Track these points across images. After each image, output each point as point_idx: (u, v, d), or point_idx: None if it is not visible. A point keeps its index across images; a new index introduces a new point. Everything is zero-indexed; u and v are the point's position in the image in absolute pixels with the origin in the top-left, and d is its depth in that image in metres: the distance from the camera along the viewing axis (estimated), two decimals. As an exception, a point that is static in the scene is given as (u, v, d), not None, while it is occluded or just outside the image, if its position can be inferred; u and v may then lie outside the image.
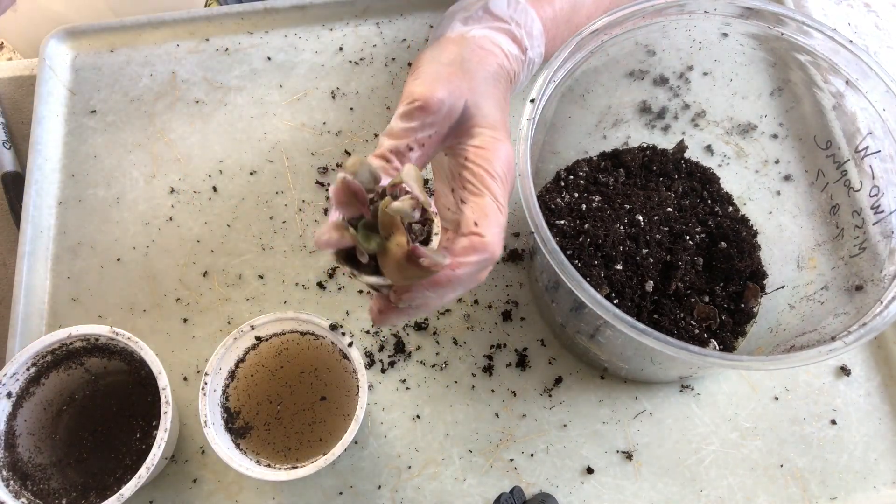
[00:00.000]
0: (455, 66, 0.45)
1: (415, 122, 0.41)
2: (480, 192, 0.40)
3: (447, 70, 0.44)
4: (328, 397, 0.51)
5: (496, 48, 0.48)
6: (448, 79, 0.43)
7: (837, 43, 0.49)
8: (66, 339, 0.48)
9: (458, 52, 0.46)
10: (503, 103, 0.46)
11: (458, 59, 0.46)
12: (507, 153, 0.42)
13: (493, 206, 0.40)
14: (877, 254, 0.47)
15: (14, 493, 0.46)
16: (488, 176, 0.41)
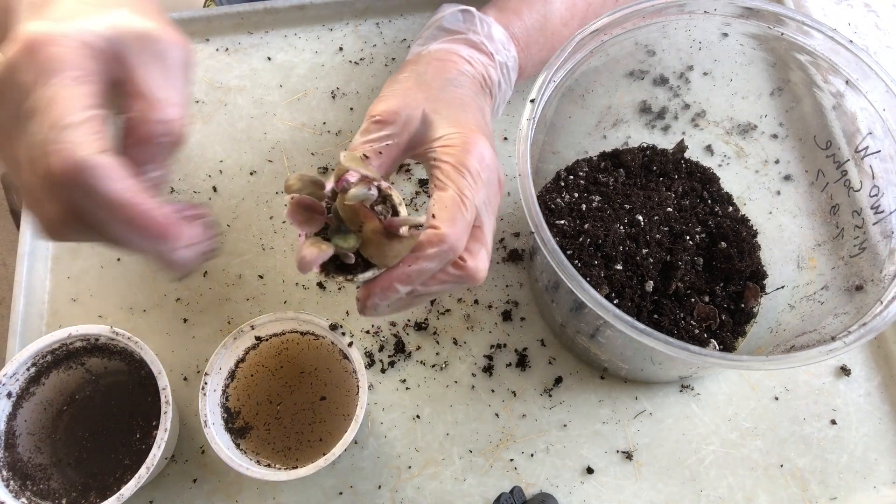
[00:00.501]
0: (410, 81, 0.47)
1: (371, 134, 0.42)
2: (443, 186, 0.40)
3: (402, 86, 0.46)
4: (328, 397, 0.51)
5: (453, 56, 0.49)
6: (403, 93, 0.45)
7: (837, 43, 0.49)
8: (66, 339, 0.48)
9: (413, 69, 0.48)
10: (471, 104, 0.46)
11: (413, 74, 0.47)
12: (477, 147, 0.42)
13: (454, 199, 0.39)
14: (877, 254, 0.47)
15: (14, 493, 0.46)
16: (453, 170, 0.41)
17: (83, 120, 0.32)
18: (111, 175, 0.32)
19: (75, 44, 0.33)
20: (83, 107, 0.32)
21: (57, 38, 0.32)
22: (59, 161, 0.31)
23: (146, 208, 0.32)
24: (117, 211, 0.32)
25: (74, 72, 0.32)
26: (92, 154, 0.31)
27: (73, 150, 0.31)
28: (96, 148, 0.31)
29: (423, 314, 0.57)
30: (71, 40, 0.33)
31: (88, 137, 0.31)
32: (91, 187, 0.31)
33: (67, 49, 0.32)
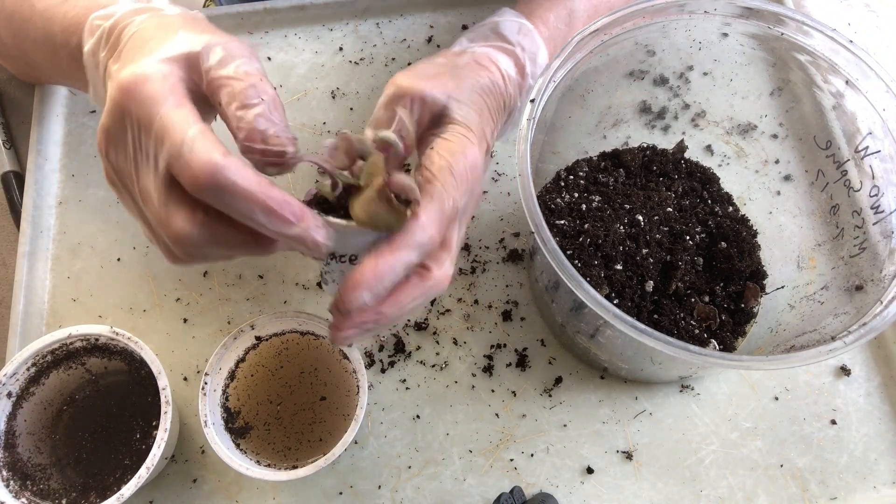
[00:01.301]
0: (445, 68, 0.47)
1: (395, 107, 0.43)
2: (432, 180, 0.41)
3: (435, 69, 0.46)
4: (328, 397, 0.51)
5: (493, 65, 0.49)
6: (433, 75, 0.45)
7: (837, 43, 0.49)
8: (66, 339, 0.48)
9: (453, 60, 0.48)
10: (487, 114, 0.47)
11: (451, 64, 0.47)
12: (473, 155, 0.42)
13: (440, 196, 0.40)
14: (877, 254, 0.47)
15: (14, 493, 0.46)
16: (446, 169, 0.41)
17: (200, 132, 0.36)
18: (246, 172, 0.35)
19: (161, 77, 0.37)
20: (194, 121, 0.36)
21: (145, 77, 0.37)
22: (201, 166, 0.35)
23: (280, 194, 0.36)
24: (258, 200, 0.35)
25: (171, 99, 0.37)
26: (222, 156, 0.35)
27: (209, 155, 0.35)
28: (222, 151, 0.35)
29: (423, 314, 0.57)
30: (157, 75, 0.37)
31: (213, 145, 0.35)
32: (233, 184, 0.35)
33: (157, 83, 0.37)
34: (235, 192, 0.35)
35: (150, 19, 0.42)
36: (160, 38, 0.40)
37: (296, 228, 0.36)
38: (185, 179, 0.36)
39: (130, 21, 0.43)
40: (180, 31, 0.40)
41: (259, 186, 0.35)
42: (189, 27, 0.41)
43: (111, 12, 0.44)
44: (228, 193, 0.35)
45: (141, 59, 0.39)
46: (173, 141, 0.35)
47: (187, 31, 0.40)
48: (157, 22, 0.42)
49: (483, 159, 0.44)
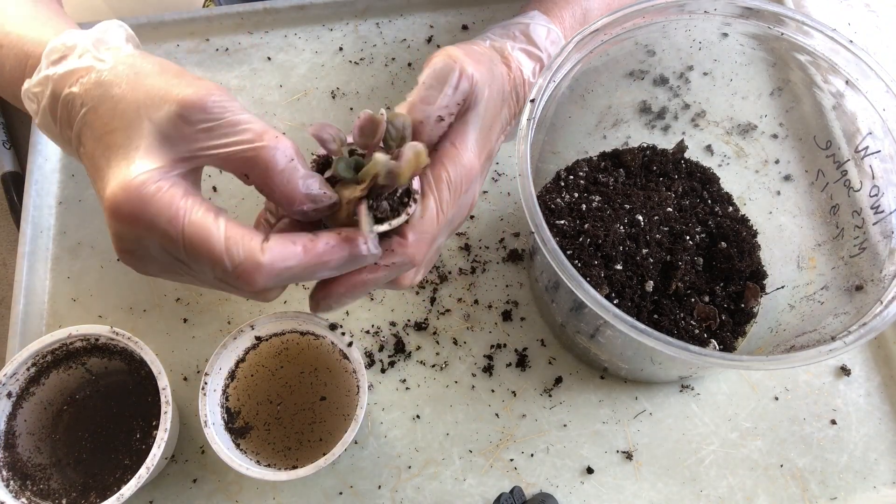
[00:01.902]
0: (487, 59, 0.45)
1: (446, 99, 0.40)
2: (427, 194, 0.40)
3: (478, 56, 0.43)
4: (328, 397, 0.51)
5: (518, 71, 0.49)
6: (481, 61, 0.43)
7: (837, 43, 0.49)
8: (66, 339, 0.48)
9: (489, 53, 0.47)
10: (499, 123, 0.46)
11: (489, 57, 0.46)
12: (473, 169, 0.42)
13: (431, 213, 0.40)
14: (877, 254, 0.47)
15: (14, 493, 0.46)
16: (443, 181, 0.40)
17: (228, 232, 0.35)
18: (286, 249, 0.35)
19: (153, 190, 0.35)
20: (215, 221, 0.35)
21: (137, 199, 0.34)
22: (252, 279, 0.35)
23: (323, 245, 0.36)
24: (318, 266, 0.36)
25: (175, 204, 0.35)
26: (261, 249, 0.35)
27: (253, 260, 0.35)
28: (257, 244, 0.35)
29: (423, 314, 0.58)
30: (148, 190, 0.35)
31: (249, 241, 0.35)
32: (283, 271, 0.35)
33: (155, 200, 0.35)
34: (291, 276, 0.36)
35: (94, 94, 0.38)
36: (121, 127, 0.36)
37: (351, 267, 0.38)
38: (248, 288, 0.36)
39: (71, 93, 0.38)
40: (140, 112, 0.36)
41: (307, 256, 0.35)
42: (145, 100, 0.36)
43: (43, 80, 0.40)
44: (285, 279, 0.36)
45: (118, 169, 0.35)
46: (211, 259, 0.35)
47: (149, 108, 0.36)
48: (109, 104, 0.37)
49: (482, 177, 0.43)
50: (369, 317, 0.57)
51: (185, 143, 0.36)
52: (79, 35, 0.41)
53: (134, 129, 0.36)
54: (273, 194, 0.37)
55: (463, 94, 0.40)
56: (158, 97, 0.36)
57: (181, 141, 0.36)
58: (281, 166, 0.36)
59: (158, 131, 0.36)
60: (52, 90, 0.40)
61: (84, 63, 0.39)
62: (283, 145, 0.36)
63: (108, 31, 0.42)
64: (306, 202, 0.36)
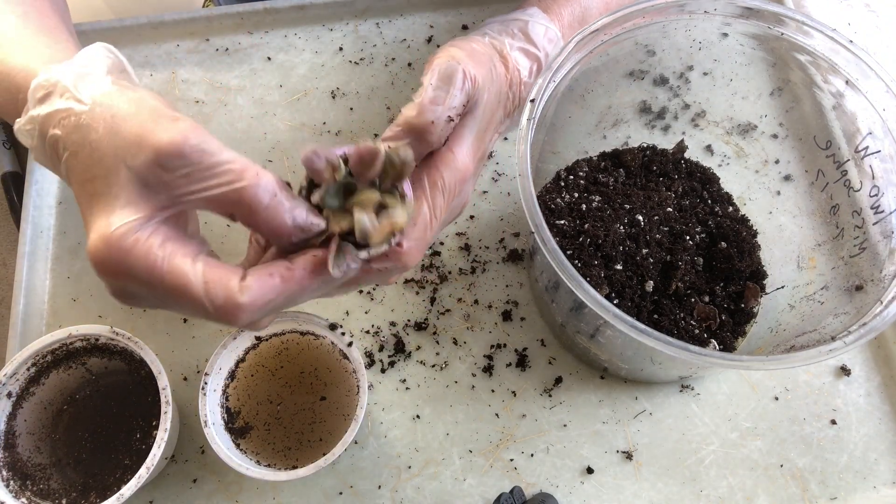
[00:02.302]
0: (487, 58, 0.44)
1: (455, 100, 0.40)
2: (420, 200, 0.40)
3: (479, 55, 0.43)
4: (328, 397, 0.51)
5: (516, 71, 0.49)
6: (482, 62, 0.42)
7: (837, 43, 0.49)
8: (66, 339, 0.48)
9: (488, 51, 0.47)
10: (494, 124, 0.46)
11: (488, 56, 0.46)
12: (466, 172, 0.42)
13: (425, 219, 0.40)
14: (877, 254, 0.47)
15: (14, 493, 0.46)
16: (437, 187, 0.40)
17: (205, 276, 0.35)
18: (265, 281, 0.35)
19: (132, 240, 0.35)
20: (192, 266, 0.35)
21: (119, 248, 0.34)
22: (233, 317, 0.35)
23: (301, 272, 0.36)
24: (298, 293, 0.36)
25: (153, 254, 0.34)
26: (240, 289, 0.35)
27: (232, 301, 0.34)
28: (237, 278, 0.35)
29: (423, 314, 0.58)
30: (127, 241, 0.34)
31: (226, 282, 0.35)
32: (267, 304, 0.35)
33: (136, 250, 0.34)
34: (274, 307, 0.36)
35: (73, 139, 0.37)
36: (101, 176, 0.36)
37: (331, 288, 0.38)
38: (236, 326, 0.37)
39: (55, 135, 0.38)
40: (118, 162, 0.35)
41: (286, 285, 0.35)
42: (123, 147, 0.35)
43: (31, 118, 0.39)
44: (268, 311, 0.36)
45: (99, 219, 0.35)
46: (192, 304, 0.35)
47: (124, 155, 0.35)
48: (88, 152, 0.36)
49: (475, 172, 0.43)
50: (369, 317, 0.57)
51: (166, 190, 0.35)
52: (61, 71, 0.39)
53: (113, 177, 0.36)
54: (261, 230, 0.37)
55: (467, 95, 0.40)
56: (135, 144, 0.35)
57: (162, 188, 0.35)
58: (265, 203, 0.35)
59: (138, 179, 0.35)
60: (39, 131, 0.39)
61: (64, 105, 0.38)
62: (265, 181, 0.36)
63: (92, 62, 0.40)
64: (295, 233, 0.36)
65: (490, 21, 0.53)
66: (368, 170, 0.37)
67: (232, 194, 0.35)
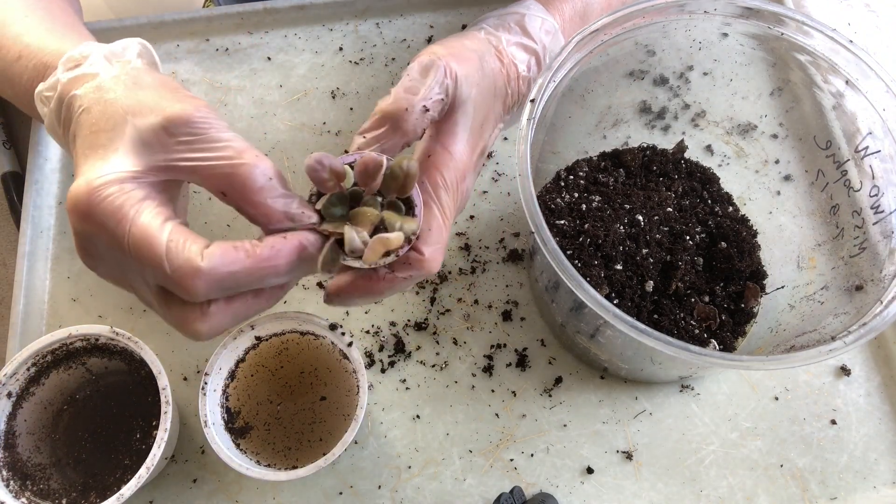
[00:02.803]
0: (476, 55, 0.45)
1: (434, 93, 0.40)
2: (431, 204, 0.40)
3: (468, 52, 0.44)
4: (328, 397, 0.51)
5: (512, 66, 0.49)
6: (468, 59, 0.43)
7: (837, 43, 0.49)
8: (66, 339, 0.48)
9: (481, 47, 0.47)
10: (491, 119, 0.46)
11: (480, 52, 0.46)
12: (466, 167, 0.42)
13: (440, 222, 0.40)
14: (877, 254, 0.47)
15: (14, 493, 0.46)
16: (443, 188, 0.41)
17: (171, 235, 0.34)
18: (229, 254, 0.35)
19: (115, 189, 0.35)
20: (161, 226, 0.35)
21: (97, 195, 0.35)
22: (189, 282, 0.34)
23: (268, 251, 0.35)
24: (257, 272, 0.35)
25: (127, 206, 0.35)
26: (200, 256, 0.34)
27: (190, 265, 0.34)
28: (198, 248, 0.34)
29: (423, 314, 0.58)
30: (109, 187, 0.35)
31: (190, 245, 0.34)
32: (225, 277, 0.34)
33: (112, 199, 0.35)
34: (235, 282, 0.35)
35: (91, 96, 0.39)
36: (107, 129, 0.38)
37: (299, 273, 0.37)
38: (182, 295, 0.35)
39: (73, 95, 0.40)
40: (128, 118, 0.37)
41: (250, 260, 0.35)
42: (135, 107, 0.38)
43: (54, 83, 0.42)
44: (229, 286, 0.35)
45: (91, 165, 0.37)
46: (152, 262, 0.34)
47: (136, 115, 0.37)
48: (102, 107, 0.39)
49: (475, 167, 0.43)
50: (369, 317, 0.57)
51: (163, 152, 0.37)
52: (95, 46, 0.43)
53: (118, 132, 0.37)
54: (250, 212, 0.37)
55: (445, 89, 0.41)
56: (148, 107, 0.37)
57: (159, 149, 0.37)
58: (259, 184, 0.36)
59: (140, 137, 0.37)
60: (59, 93, 0.41)
61: (91, 70, 0.41)
62: (263, 164, 0.37)
63: (126, 48, 0.44)
64: (284, 220, 0.37)
65: (488, 15, 0.52)
66: (372, 180, 0.37)
67: (228, 168, 0.36)
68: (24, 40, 0.48)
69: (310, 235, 0.37)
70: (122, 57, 0.43)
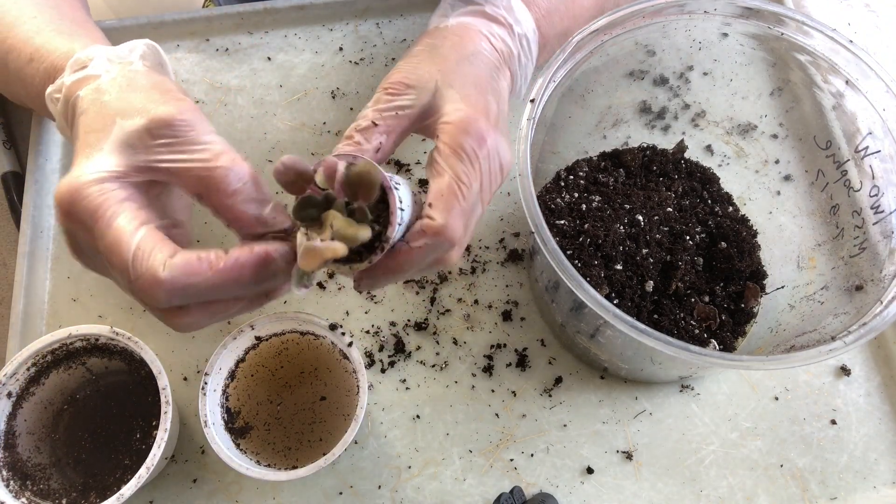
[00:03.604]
0: (423, 53, 0.46)
1: (382, 104, 0.43)
2: (441, 172, 0.39)
3: (416, 59, 0.46)
4: (328, 397, 0.51)
5: (471, 31, 0.48)
6: (416, 64, 0.45)
7: (837, 43, 0.49)
8: (66, 339, 0.48)
9: (428, 42, 0.47)
10: (485, 85, 0.45)
11: (427, 48, 0.47)
12: (476, 128, 0.41)
13: (451, 187, 0.39)
14: (877, 254, 0.47)
15: (14, 493, 0.46)
16: (452, 154, 0.40)
17: (139, 243, 0.35)
18: (192, 264, 0.34)
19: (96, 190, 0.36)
20: (133, 231, 0.35)
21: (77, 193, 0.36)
22: (151, 290, 0.34)
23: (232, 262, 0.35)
24: (217, 285, 0.35)
25: (105, 207, 0.36)
26: (163, 266, 0.34)
27: (152, 274, 0.34)
28: (166, 254, 0.35)
29: (423, 314, 0.58)
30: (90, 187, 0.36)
31: (156, 254, 0.35)
32: (186, 287, 0.34)
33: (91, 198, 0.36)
34: (197, 293, 0.35)
35: (89, 98, 0.41)
36: (98, 129, 0.39)
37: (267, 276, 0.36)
38: (150, 302, 0.35)
39: (77, 97, 0.42)
40: (116, 119, 0.38)
41: (212, 272, 0.34)
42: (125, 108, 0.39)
43: (60, 85, 0.44)
44: (192, 295, 0.35)
45: (78, 164, 0.38)
46: (119, 266, 0.35)
47: (124, 116, 0.38)
48: (97, 108, 0.40)
49: (490, 129, 0.42)
50: (369, 317, 0.57)
51: (144, 153, 0.37)
52: (101, 49, 0.44)
53: (106, 132, 0.38)
54: (224, 216, 0.37)
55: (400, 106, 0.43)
56: (136, 108, 0.39)
57: (141, 150, 0.38)
58: (231, 188, 0.36)
59: (124, 138, 0.38)
60: (65, 94, 0.43)
61: (94, 72, 0.43)
62: (239, 168, 0.37)
63: (133, 49, 0.45)
64: (256, 225, 0.37)
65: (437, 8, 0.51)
66: (332, 182, 0.37)
67: (203, 171, 0.37)
68: (35, 42, 0.48)
69: (280, 246, 0.36)
70: (126, 59, 0.44)
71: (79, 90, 0.42)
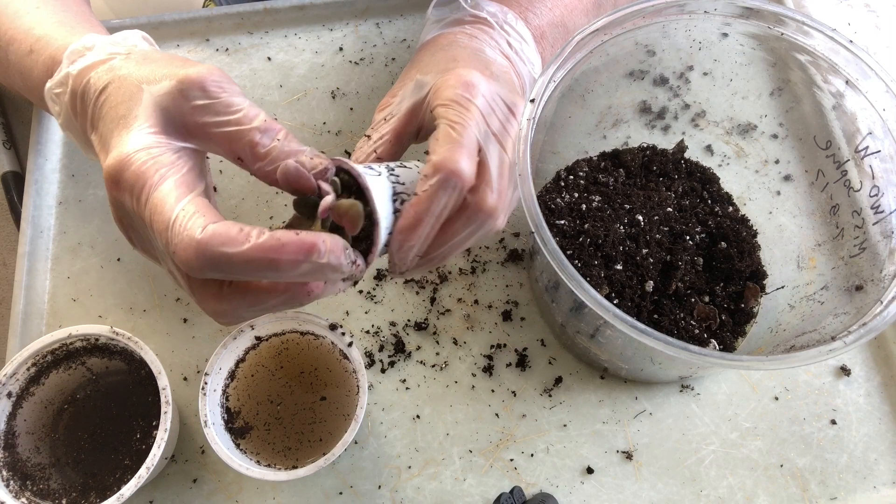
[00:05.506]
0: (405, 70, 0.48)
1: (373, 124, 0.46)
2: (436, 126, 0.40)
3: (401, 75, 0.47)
4: (328, 397, 0.51)
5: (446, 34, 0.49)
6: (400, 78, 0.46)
7: (837, 43, 0.49)
8: (66, 338, 0.48)
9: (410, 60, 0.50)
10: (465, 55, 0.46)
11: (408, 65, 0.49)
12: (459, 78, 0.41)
13: (444, 131, 0.39)
14: (877, 254, 0.47)
15: (14, 494, 0.46)
16: (439, 105, 0.40)
17: (182, 210, 0.34)
18: (233, 234, 0.33)
19: (141, 159, 0.36)
20: (177, 198, 0.35)
21: (125, 164, 0.36)
22: (186, 253, 0.33)
23: (274, 241, 0.33)
24: (255, 257, 0.33)
25: (152, 170, 0.35)
26: (202, 229, 0.33)
27: (189, 235, 0.33)
28: (203, 222, 0.34)
29: (423, 314, 0.58)
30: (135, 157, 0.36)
31: (197, 218, 0.34)
32: (221, 255, 0.33)
33: (136, 167, 0.36)
34: (231, 262, 0.33)
35: (105, 77, 0.40)
36: (126, 100, 0.38)
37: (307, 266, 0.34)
38: (183, 268, 0.34)
39: (87, 83, 0.41)
40: (143, 87, 0.38)
41: (248, 246, 0.33)
42: (148, 76, 0.39)
43: (64, 77, 0.43)
44: (225, 266, 0.33)
45: (117, 137, 0.37)
46: (161, 232, 0.34)
47: (150, 82, 0.38)
48: (117, 83, 0.39)
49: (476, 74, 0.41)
50: (369, 317, 0.57)
51: (181, 116, 0.37)
52: (98, 37, 0.44)
53: (135, 100, 0.38)
54: (267, 176, 0.38)
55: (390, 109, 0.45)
56: (161, 74, 0.38)
57: (177, 114, 0.37)
58: (271, 146, 0.37)
59: (156, 102, 0.37)
60: (71, 86, 0.42)
61: (100, 57, 0.42)
62: (272, 125, 0.38)
63: (127, 37, 0.45)
64: (299, 178, 0.37)
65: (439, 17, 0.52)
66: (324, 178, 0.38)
67: (244, 133, 0.37)
68: (36, 33, 0.48)
69: (328, 239, 0.34)
70: (127, 43, 0.44)
71: (87, 77, 0.41)
